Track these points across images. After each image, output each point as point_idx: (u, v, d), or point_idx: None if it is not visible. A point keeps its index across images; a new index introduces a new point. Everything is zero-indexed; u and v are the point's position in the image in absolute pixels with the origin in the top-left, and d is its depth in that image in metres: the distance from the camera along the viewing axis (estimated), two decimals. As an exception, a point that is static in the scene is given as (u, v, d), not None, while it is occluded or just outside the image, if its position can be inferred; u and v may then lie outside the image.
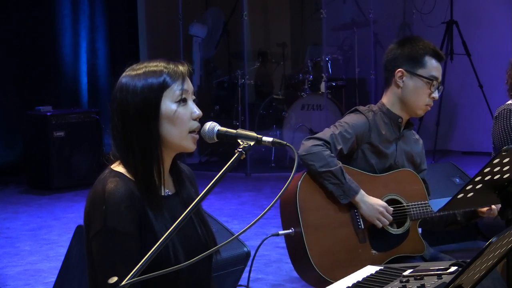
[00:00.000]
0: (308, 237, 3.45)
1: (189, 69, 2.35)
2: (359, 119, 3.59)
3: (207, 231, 2.41)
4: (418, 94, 3.56)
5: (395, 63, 3.60)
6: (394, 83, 3.60)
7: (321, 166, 3.45)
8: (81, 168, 8.14)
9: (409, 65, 3.57)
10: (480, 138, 9.10)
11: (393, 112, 3.62)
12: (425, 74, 3.55)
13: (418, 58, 3.56)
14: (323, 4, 9.16)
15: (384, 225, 3.49)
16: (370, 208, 3.48)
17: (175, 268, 1.99)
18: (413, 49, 3.58)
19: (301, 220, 3.46)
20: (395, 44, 3.67)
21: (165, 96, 2.28)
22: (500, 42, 9.36)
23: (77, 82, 9.44)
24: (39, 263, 5.50)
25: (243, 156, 2.10)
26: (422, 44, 3.59)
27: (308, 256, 3.43)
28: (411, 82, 3.56)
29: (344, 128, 3.55)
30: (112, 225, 2.20)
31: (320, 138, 3.52)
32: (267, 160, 9.15)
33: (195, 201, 2.03)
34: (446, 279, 2.21)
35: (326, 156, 3.46)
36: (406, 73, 3.57)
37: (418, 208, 3.55)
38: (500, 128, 4.05)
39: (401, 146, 3.66)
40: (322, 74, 9.16)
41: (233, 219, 6.64)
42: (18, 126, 8.62)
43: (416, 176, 3.65)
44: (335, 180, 3.46)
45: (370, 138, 3.58)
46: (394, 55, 3.62)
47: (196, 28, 9.87)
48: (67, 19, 9.37)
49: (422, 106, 3.58)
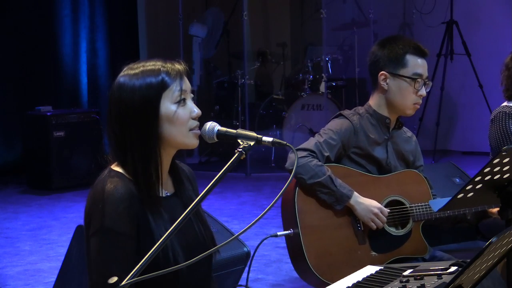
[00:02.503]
0: (305, 238, 3.45)
1: (186, 68, 2.34)
2: (343, 124, 3.57)
3: (206, 231, 2.40)
4: (403, 94, 3.52)
5: (377, 66, 3.56)
6: (379, 85, 3.58)
7: (310, 178, 3.44)
8: (81, 168, 8.14)
9: (390, 67, 3.53)
10: (480, 138, 9.08)
11: (380, 113, 3.60)
12: (407, 73, 3.51)
13: (399, 58, 3.52)
14: (323, 4, 9.16)
15: (379, 226, 3.47)
16: (364, 209, 3.46)
17: (174, 268, 1.98)
18: (393, 50, 3.53)
19: (299, 221, 3.46)
20: (376, 45, 3.62)
21: (164, 97, 2.27)
22: (500, 42, 9.36)
23: (77, 82, 9.45)
24: (39, 263, 5.50)
25: (243, 156, 2.09)
26: (402, 43, 3.54)
27: (305, 258, 3.43)
28: (394, 84, 3.53)
29: (329, 135, 3.53)
30: (109, 225, 2.19)
31: (305, 149, 3.49)
32: (267, 160, 9.15)
33: (195, 201, 2.03)
34: (446, 279, 2.21)
35: (313, 166, 3.45)
36: (389, 75, 3.53)
37: (421, 209, 3.53)
38: (496, 131, 4.05)
39: (392, 146, 3.64)
40: (322, 74, 9.17)
41: (233, 219, 6.64)
42: (18, 126, 8.62)
43: (420, 176, 3.63)
44: (325, 190, 3.45)
45: (358, 141, 3.55)
46: (375, 58, 3.58)
47: (196, 28, 9.87)
48: (67, 19, 9.37)
49: (410, 105, 3.54)
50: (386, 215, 3.48)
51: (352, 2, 10.30)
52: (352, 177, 3.52)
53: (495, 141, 4.06)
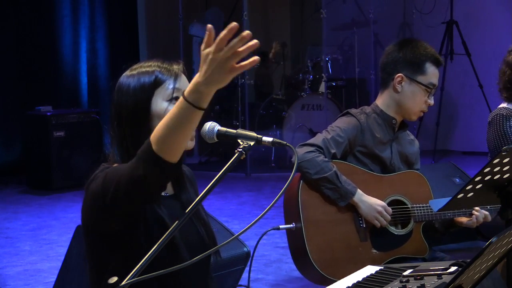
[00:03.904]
0: (308, 232, 3.46)
1: (183, 68, 2.35)
2: (351, 122, 3.59)
3: (207, 231, 2.41)
4: (415, 100, 3.56)
5: (395, 66, 3.57)
6: (392, 86, 3.59)
7: (316, 173, 3.46)
8: (81, 168, 8.13)
9: (409, 71, 3.55)
10: (480, 138, 9.04)
11: (387, 113, 3.62)
12: (425, 81, 3.54)
13: (419, 64, 3.54)
14: (323, 4, 9.16)
15: (382, 224, 3.49)
16: (369, 207, 3.48)
17: (174, 268, 1.98)
18: (414, 54, 3.55)
19: (302, 216, 3.47)
20: (395, 46, 3.64)
21: (157, 94, 2.28)
22: (500, 42, 9.35)
23: (77, 82, 9.44)
24: (39, 263, 5.50)
25: (243, 156, 2.09)
26: (424, 50, 3.57)
27: (307, 252, 3.44)
28: (409, 88, 3.56)
29: (336, 133, 3.55)
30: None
31: (312, 144, 3.51)
32: (267, 160, 9.15)
33: (195, 201, 2.03)
34: (446, 279, 2.21)
35: (320, 161, 3.46)
36: (406, 79, 3.55)
37: (423, 210, 3.55)
38: (494, 133, 4.05)
39: (396, 147, 3.66)
40: (322, 74, 9.17)
41: (233, 219, 6.64)
42: (18, 126, 8.62)
43: (422, 178, 3.64)
44: (330, 185, 3.47)
45: (364, 140, 3.57)
46: (394, 58, 3.59)
47: (196, 28, 9.87)
48: (67, 19, 9.37)
49: (418, 111, 3.59)
50: (390, 214, 3.49)
51: (352, 2, 10.30)
52: (356, 175, 3.53)
53: (493, 144, 4.06)
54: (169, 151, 2.02)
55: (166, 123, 2.00)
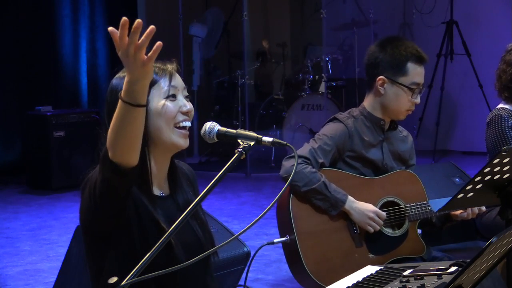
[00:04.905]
0: (302, 244, 3.44)
1: (177, 66, 2.36)
2: (338, 129, 3.56)
3: (205, 232, 2.40)
4: (399, 101, 3.52)
5: (376, 69, 3.54)
6: (375, 89, 3.57)
7: (304, 185, 3.45)
8: (81, 168, 8.09)
9: (390, 73, 3.51)
10: (480, 138, 9.01)
11: (375, 115, 3.59)
12: (407, 82, 3.50)
13: (400, 65, 3.50)
14: (323, 4, 9.16)
15: (376, 229, 3.47)
16: (360, 214, 3.46)
17: (174, 268, 1.98)
18: (395, 55, 3.50)
19: (294, 228, 3.46)
20: (376, 46, 3.59)
21: (152, 93, 2.28)
22: (500, 42, 9.30)
23: (77, 82, 9.45)
24: (39, 263, 5.50)
25: (243, 156, 2.09)
26: (404, 49, 3.51)
27: (303, 264, 3.43)
28: (392, 90, 3.53)
29: (323, 141, 3.53)
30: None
31: (299, 156, 3.49)
32: (267, 160, 9.14)
33: (195, 201, 2.03)
34: (446, 279, 2.21)
35: (307, 173, 3.45)
36: (388, 81, 3.52)
37: (417, 208, 3.53)
38: (492, 134, 4.05)
39: (387, 147, 3.64)
40: (322, 74, 9.17)
41: (233, 219, 6.64)
42: (18, 126, 8.62)
43: (414, 176, 3.62)
44: (320, 196, 3.45)
45: (353, 145, 3.55)
46: (375, 60, 3.55)
47: (196, 28, 9.87)
48: (67, 19, 9.37)
49: (403, 111, 3.56)
50: (383, 218, 3.47)
51: (352, 2, 10.30)
52: (345, 181, 3.51)
53: (492, 144, 4.06)
54: (123, 154, 2.05)
55: (113, 128, 2.03)
